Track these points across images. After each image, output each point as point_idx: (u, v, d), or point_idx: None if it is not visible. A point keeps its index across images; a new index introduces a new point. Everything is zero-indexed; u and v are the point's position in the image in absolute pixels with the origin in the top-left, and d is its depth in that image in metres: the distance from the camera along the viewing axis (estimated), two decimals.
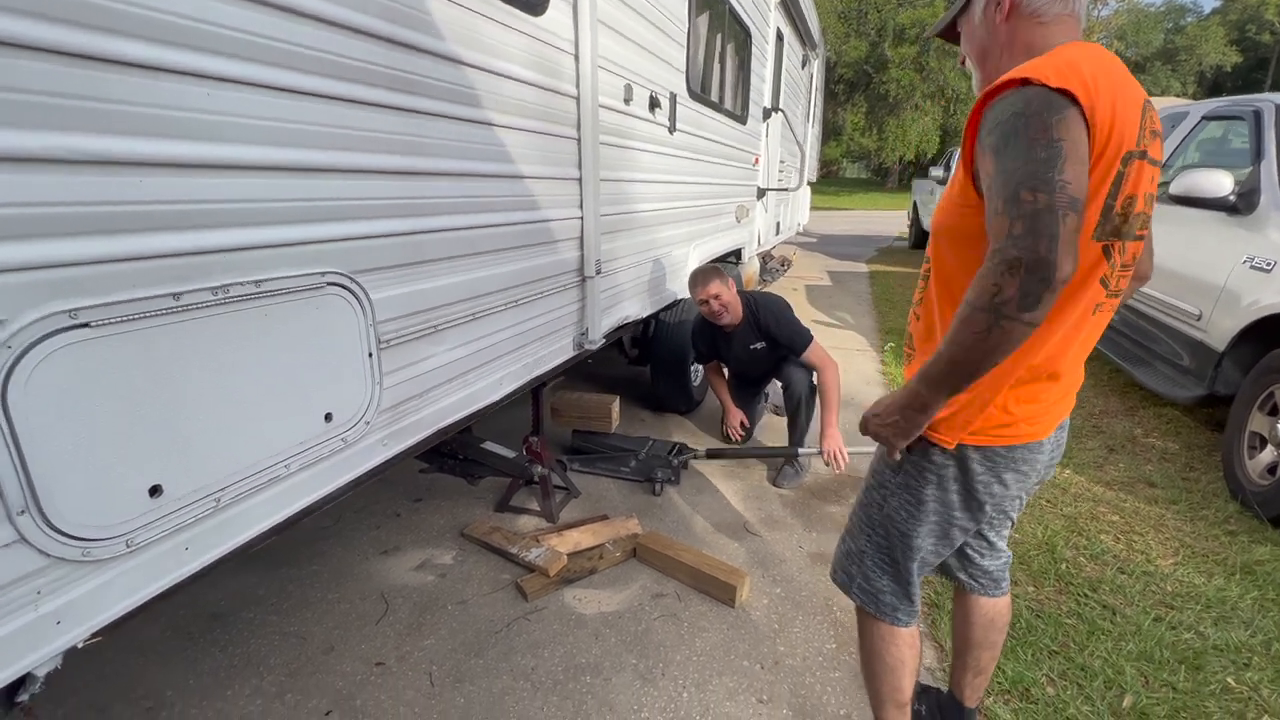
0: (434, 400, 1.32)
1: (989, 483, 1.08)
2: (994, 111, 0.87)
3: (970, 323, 0.82)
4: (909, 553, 1.15)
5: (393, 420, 1.21)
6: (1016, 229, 0.78)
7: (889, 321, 5.66)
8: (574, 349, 1.98)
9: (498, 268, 1.48)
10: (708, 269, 2.68)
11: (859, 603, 1.24)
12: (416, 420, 1.28)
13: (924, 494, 1.10)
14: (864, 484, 1.24)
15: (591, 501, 2.61)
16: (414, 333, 1.22)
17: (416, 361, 1.25)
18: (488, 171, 1.42)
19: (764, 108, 4.63)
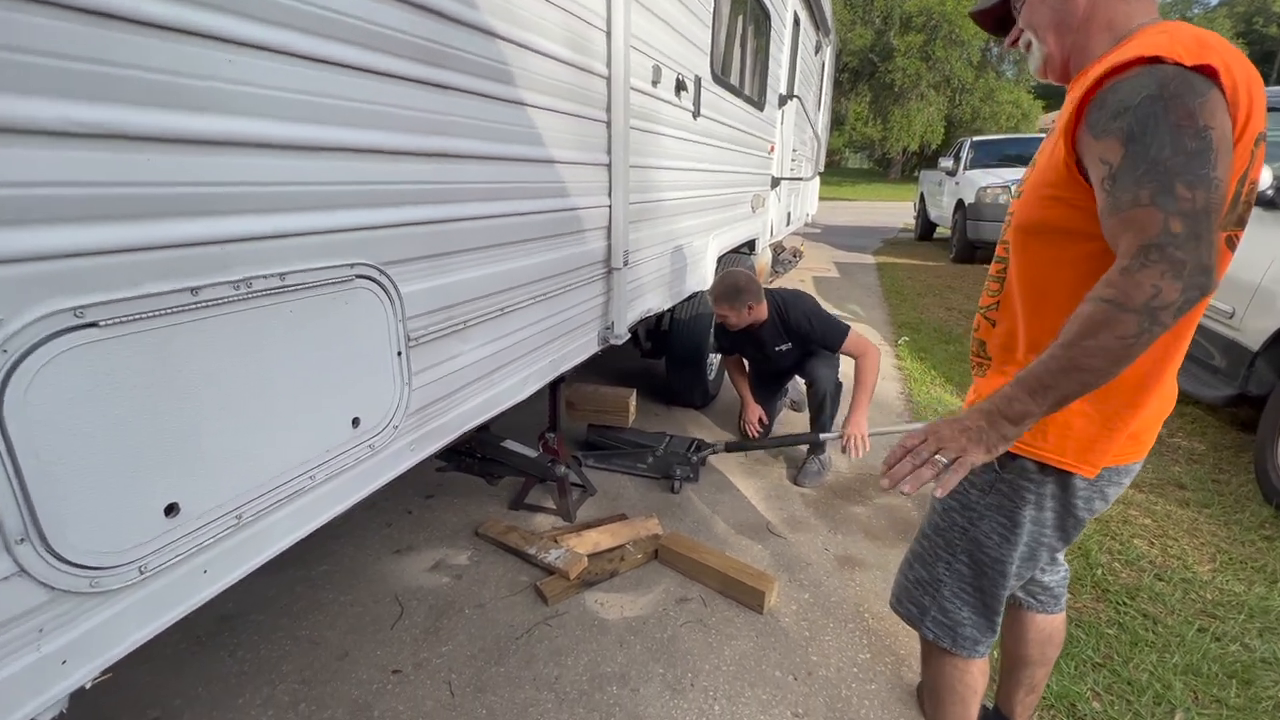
0: (460, 401, 1.23)
1: (1091, 499, 1.00)
2: (1117, 94, 0.77)
3: (1112, 325, 0.72)
4: (1000, 580, 1.06)
5: (420, 423, 1.12)
6: (1175, 227, 0.70)
7: (900, 315, 5.57)
8: (598, 344, 1.90)
9: (527, 259, 1.39)
10: (726, 287, 2.49)
11: (931, 637, 1.14)
12: (442, 424, 1.19)
13: (1020, 515, 1.01)
14: (935, 502, 1.14)
15: (608, 500, 2.54)
16: (443, 329, 1.13)
17: (444, 360, 1.16)
18: (518, 155, 1.32)
19: (780, 94, 4.51)
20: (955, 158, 9.40)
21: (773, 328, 2.62)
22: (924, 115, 26.08)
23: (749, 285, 2.51)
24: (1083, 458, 0.95)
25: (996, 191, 7.53)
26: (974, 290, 6.68)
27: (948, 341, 4.70)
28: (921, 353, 4.39)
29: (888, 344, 4.69)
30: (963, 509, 1.08)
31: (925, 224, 10.86)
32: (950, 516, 1.10)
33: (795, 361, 2.74)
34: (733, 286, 2.50)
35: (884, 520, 2.40)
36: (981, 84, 26.23)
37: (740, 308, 2.50)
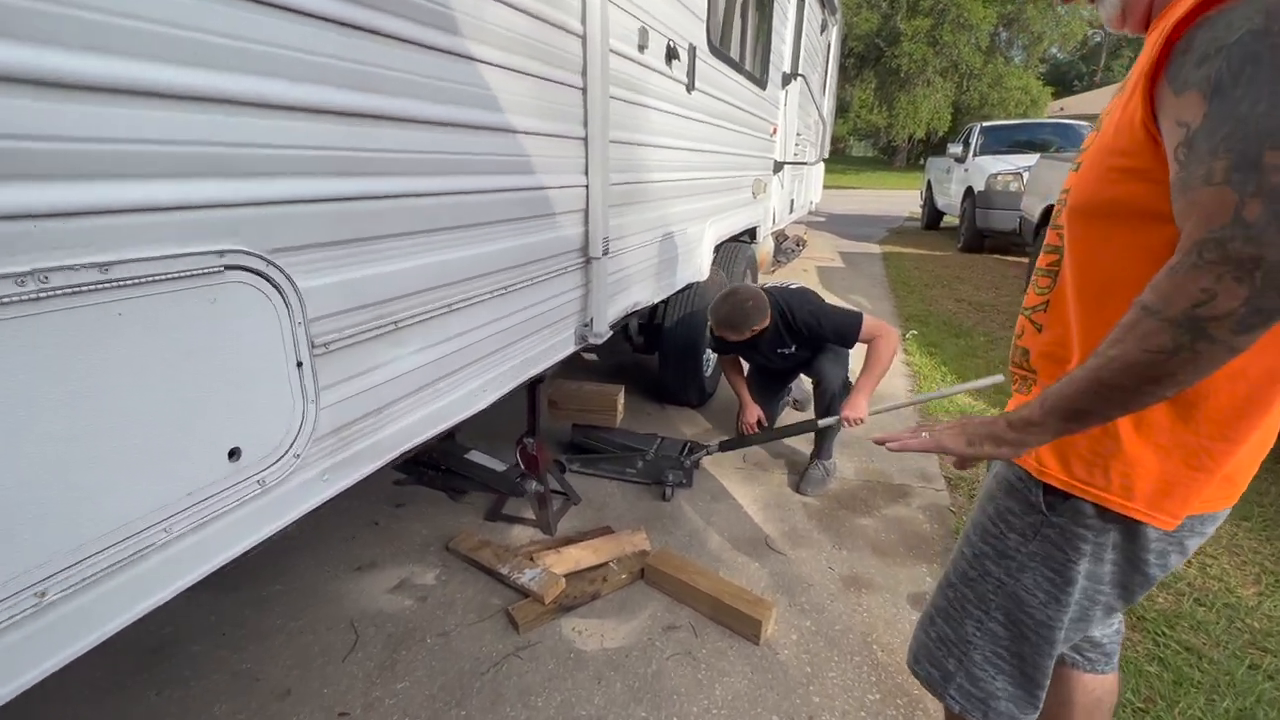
0: (395, 417, 1.03)
1: (1165, 553, 0.80)
2: (1209, 31, 0.57)
3: (1141, 334, 0.59)
4: (1046, 646, 0.86)
5: (337, 447, 0.91)
6: (1252, 211, 0.52)
7: (907, 307, 5.35)
8: (575, 342, 1.68)
9: (482, 246, 1.17)
10: (729, 310, 2.23)
11: (958, 709, 0.94)
12: (371, 445, 0.98)
13: (1073, 570, 0.82)
14: (964, 545, 0.94)
15: (593, 509, 2.34)
16: (366, 332, 0.92)
17: (370, 369, 0.95)
18: (468, 121, 1.10)
19: (783, 73, 4.26)
20: (964, 144, 9.10)
21: (775, 333, 2.39)
22: (930, 102, 25.62)
23: (755, 307, 2.24)
24: (1158, 504, 0.75)
25: (1008, 179, 7.26)
26: (983, 281, 6.45)
27: (957, 335, 4.48)
28: (931, 347, 4.17)
29: None
30: (999, 556, 0.88)
31: (932, 212, 10.58)
32: (983, 564, 0.90)
33: (801, 361, 2.53)
34: (737, 311, 2.23)
35: (894, 534, 2.20)
36: (990, 69, 25.73)
37: (744, 331, 2.27)
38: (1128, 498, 0.75)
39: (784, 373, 2.75)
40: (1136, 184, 0.67)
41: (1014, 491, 0.85)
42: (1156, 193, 0.65)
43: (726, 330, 2.27)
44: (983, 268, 7.18)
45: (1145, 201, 0.67)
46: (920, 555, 2.08)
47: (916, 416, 3.18)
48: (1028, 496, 0.84)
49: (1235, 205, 0.52)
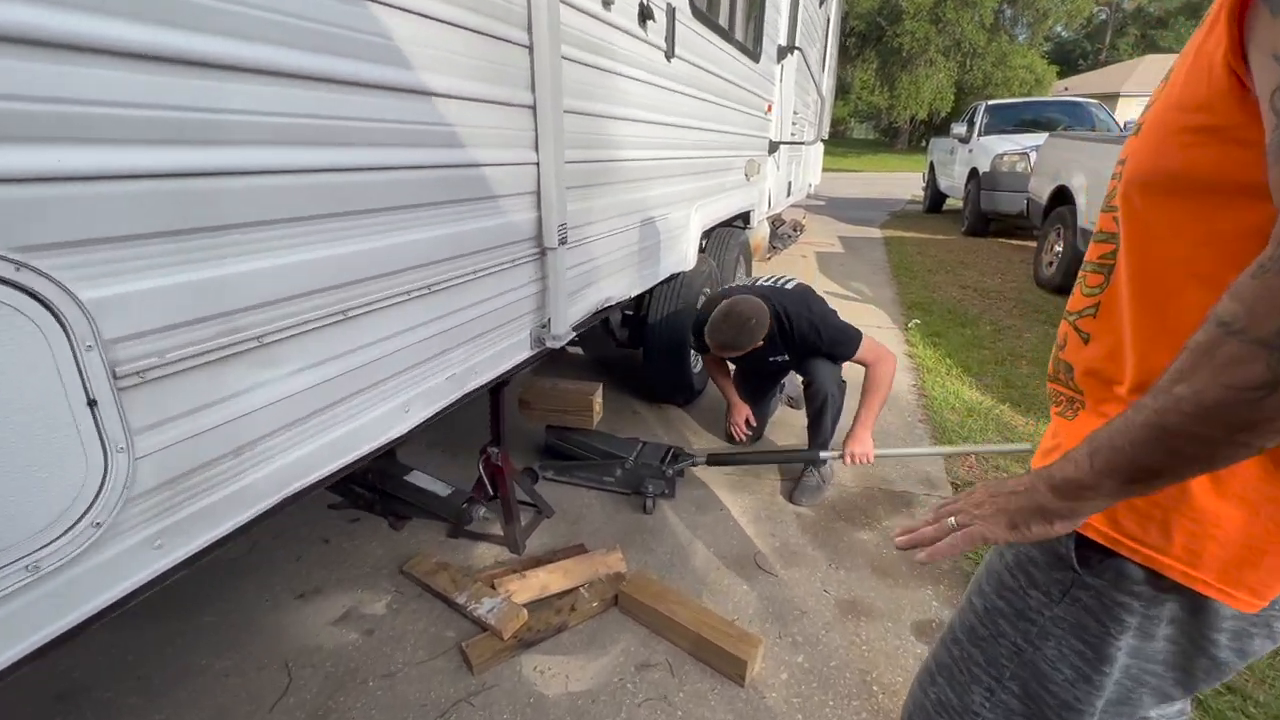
0: (272, 456, 0.81)
1: (1245, 636, 0.59)
2: None
3: (1226, 365, 0.42)
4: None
5: (175, 504, 0.70)
6: None
7: (910, 294, 5.11)
8: (531, 346, 1.47)
9: (392, 236, 0.95)
10: (733, 328, 2.00)
11: None
12: (237, 493, 0.77)
13: (1110, 646, 0.63)
14: (975, 594, 0.76)
15: (568, 522, 2.14)
16: (209, 353, 0.71)
17: (222, 400, 0.73)
18: (371, 79, 0.87)
19: (779, 45, 3.99)
20: (968, 123, 8.80)
21: (770, 343, 2.17)
22: (933, 82, 25.11)
23: (758, 324, 2.00)
24: (1235, 578, 0.55)
25: (1014, 159, 6.98)
26: (989, 266, 6.20)
27: (963, 324, 4.26)
28: (935, 337, 3.95)
29: (897, 326, 4.24)
30: (1016, 617, 0.70)
31: (935, 195, 10.29)
32: (996, 623, 0.72)
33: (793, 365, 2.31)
34: (742, 332, 1.99)
35: (895, 550, 2.00)
36: (994, 48, 25.18)
37: (746, 350, 2.05)
38: (1193, 565, 0.56)
39: (774, 373, 2.53)
40: (1216, 147, 0.50)
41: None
42: (1244, 158, 0.47)
43: (728, 350, 2.07)
44: (987, 252, 6.93)
45: (1228, 170, 0.49)
46: (926, 576, 1.88)
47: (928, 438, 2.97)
48: (1055, 546, 0.66)
49: None
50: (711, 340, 2.06)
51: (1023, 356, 3.66)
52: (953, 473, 2.44)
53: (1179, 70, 0.55)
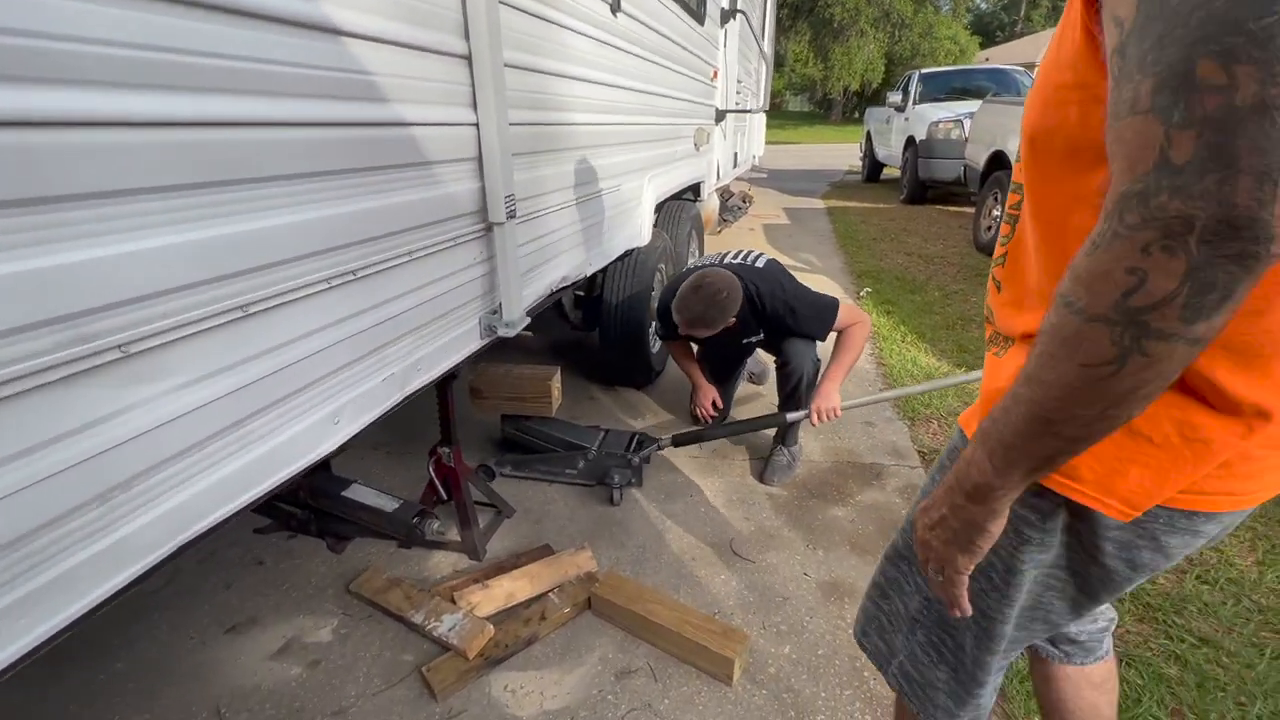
0: (158, 496, 0.64)
1: (1133, 548, 0.61)
2: None
3: (1074, 345, 0.44)
4: (987, 641, 0.73)
5: (9, 577, 0.52)
6: (1180, 150, 0.37)
7: (858, 263, 5.15)
8: (481, 335, 1.30)
9: (299, 211, 0.77)
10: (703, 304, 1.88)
11: (897, 689, 0.85)
12: (107, 549, 0.59)
13: (1018, 558, 0.66)
14: (909, 514, 0.81)
15: (530, 521, 1.99)
16: (39, 371, 0.52)
17: (66, 435, 0.55)
18: (242, 4, 0.68)
19: (722, 8, 3.84)
20: (903, 92, 8.92)
21: (742, 323, 2.06)
22: (864, 53, 25.54)
23: (730, 299, 1.89)
24: (1107, 488, 0.57)
25: (949, 126, 7.11)
26: (930, 232, 6.33)
27: (912, 291, 4.30)
28: (887, 305, 3.97)
29: (849, 296, 4.24)
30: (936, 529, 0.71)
31: (873, 165, 10.45)
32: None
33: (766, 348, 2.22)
34: (712, 307, 1.86)
35: (870, 525, 1.96)
36: (920, 19, 25.79)
37: (718, 328, 1.93)
38: (1071, 477, 0.58)
39: (740, 352, 2.43)
40: (1079, 105, 0.51)
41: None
42: (1099, 117, 0.46)
43: (698, 329, 1.93)
44: (927, 219, 7.08)
45: (1091, 129, 0.50)
46: None
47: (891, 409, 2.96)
48: None
49: (1161, 138, 0.38)
50: (680, 317, 1.93)
51: (972, 320, 3.72)
52: (919, 441, 2.43)
53: (1058, 29, 0.55)
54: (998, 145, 5.13)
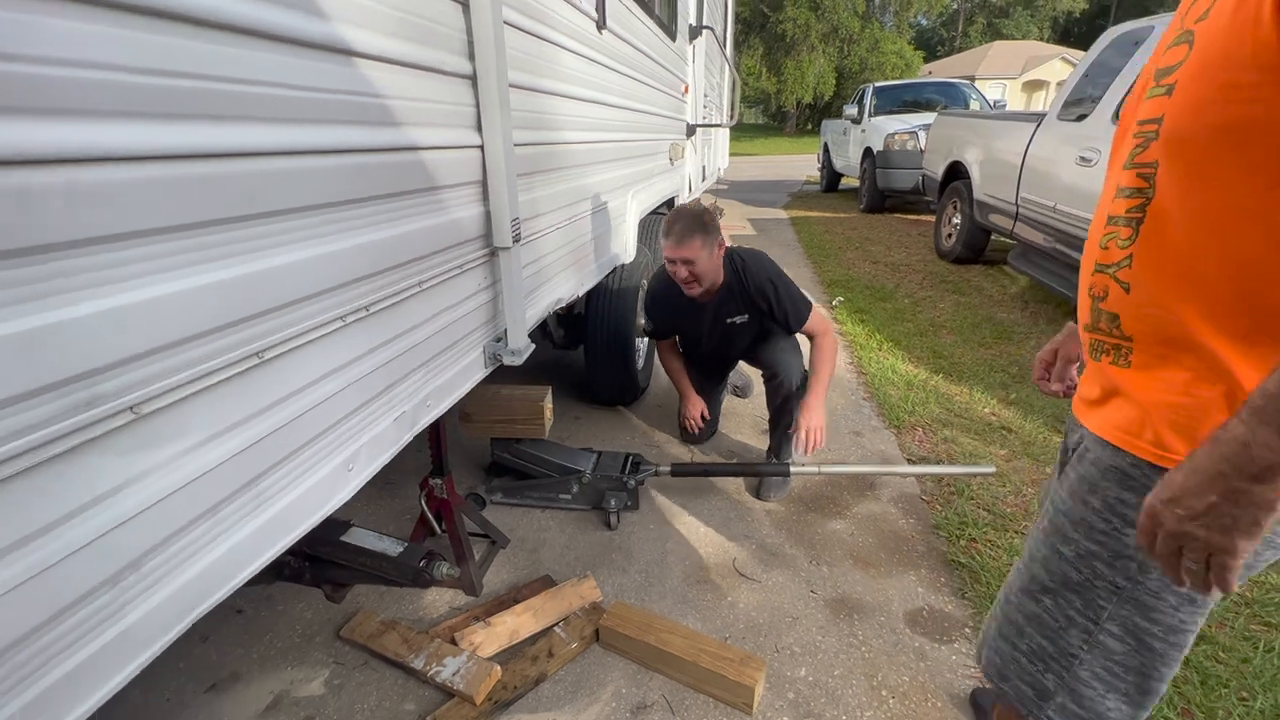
0: (172, 571, 0.57)
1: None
2: None
3: None
4: (1176, 653, 0.72)
5: (11, 684, 0.45)
6: None
7: (827, 272, 5.24)
8: (486, 364, 1.24)
9: (312, 246, 0.71)
10: (690, 216, 1.92)
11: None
12: (116, 639, 0.52)
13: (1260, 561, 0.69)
14: (1057, 543, 0.79)
15: (526, 550, 1.92)
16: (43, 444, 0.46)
17: (72, 514, 0.48)
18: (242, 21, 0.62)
19: (690, 25, 3.87)
20: (858, 105, 9.19)
21: (728, 294, 2.08)
22: (815, 67, 26.29)
23: (713, 223, 1.96)
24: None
25: (905, 138, 7.35)
26: (892, 241, 6.49)
27: (882, 299, 4.39)
28: (861, 314, 4.04)
29: (824, 308, 4.30)
30: (1113, 557, 0.73)
31: (831, 175, 10.71)
32: (1091, 566, 0.75)
33: (748, 344, 2.20)
34: (696, 216, 1.91)
35: (870, 537, 1.96)
36: (867, 34, 26.75)
37: (712, 244, 1.94)
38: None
39: (726, 359, 2.42)
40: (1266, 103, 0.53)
41: (1128, 481, 0.71)
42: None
43: (696, 236, 1.88)
44: (887, 227, 7.28)
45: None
46: (904, 560, 1.85)
47: (878, 417, 2.98)
48: (1149, 486, 0.69)
49: None
50: (666, 239, 1.92)
51: (943, 326, 3.81)
52: (907, 449, 2.46)
53: (1210, 32, 0.57)
54: (954, 156, 5.32)
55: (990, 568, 1.78)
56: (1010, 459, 2.36)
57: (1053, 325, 3.79)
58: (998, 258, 5.18)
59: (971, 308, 4.17)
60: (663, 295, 2.17)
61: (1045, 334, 3.65)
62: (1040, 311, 4.04)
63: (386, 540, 1.31)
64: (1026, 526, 1.96)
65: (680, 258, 1.91)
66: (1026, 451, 2.40)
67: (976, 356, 3.34)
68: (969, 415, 2.69)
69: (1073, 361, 1.00)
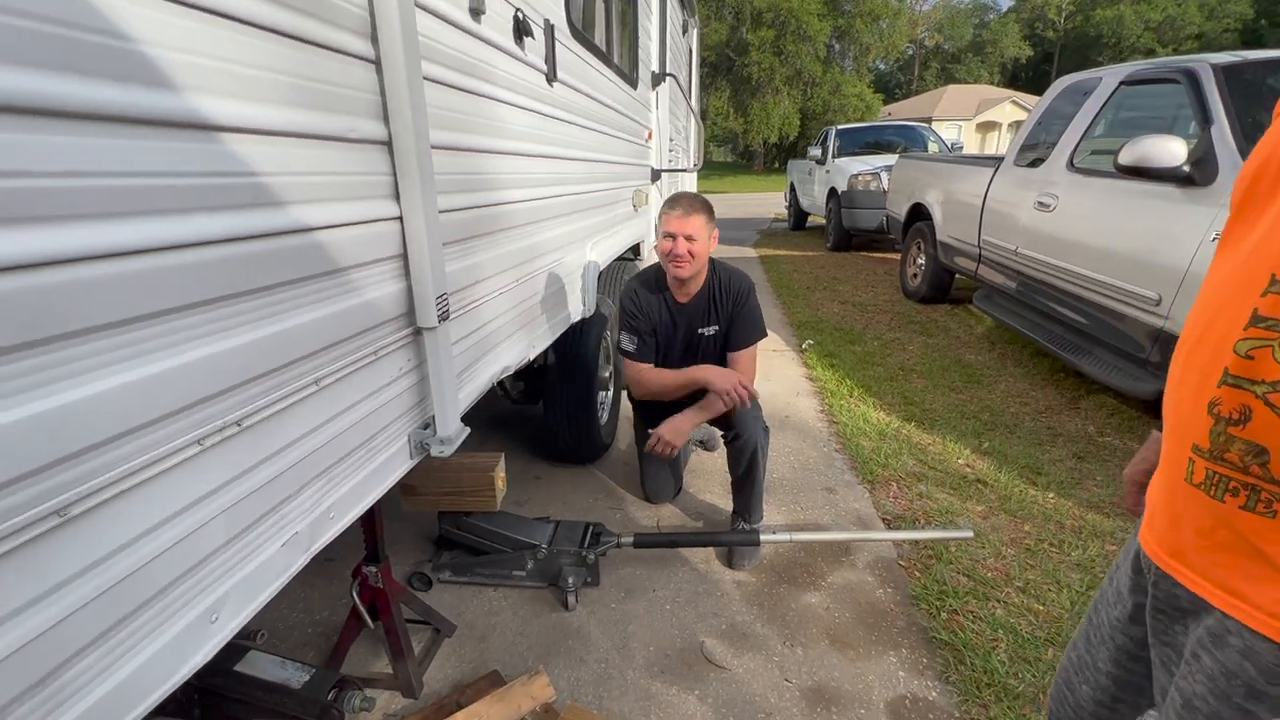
0: None
1: None
2: None
3: None
4: None
5: None
6: None
7: (796, 313, 5.21)
8: (412, 455, 1.10)
9: (160, 360, 0.58)
10: (694, 195, 1.97)
11: None
12: None
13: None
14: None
15: (474, 639, 1.75)
16: None
17: None
18: (69, 103, 0.51)
19: (653, 72, 3.88)
20: (822, 146, 9.41)
21: (705, 301, 2.07)
22: (780, 108, 27.17)
23: (707, 202, 1.98)
24: None
25: (868, 179, 7.51)
26: (860, 280, 6.54)
27: (851, 341, 4.36)
28: (831, 358, 3.98)
29: (792, 349, 4.25)
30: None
31: (798, 213, 10.89)
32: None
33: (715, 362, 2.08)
34: (699, 197, 1.98)
35: (847, 610, 1.83)
36: (829, 78, 27.84)
37: (711, 229, 1.95)
38: None
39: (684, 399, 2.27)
40: None
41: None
42: None
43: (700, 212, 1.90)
44: (854, 266, 7.35)
45: None
46: (884, 638, 1.72)
47: (851, 472, 2.89)
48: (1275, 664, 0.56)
49: None
50: (672, 210, 1.90)
51: (913, 370, 3.77)
52: (882, 506, 2.35)
53: None
54: (916, 198, 5.40)
55: (973, 645, 1.66)
56: (988, 515, 2.27)
57: (1020, 367, 3.78)
58: (963, 296, 5.22)
59: (940, 350, 4.15)
60: (638, 292, 2.09)
61: (1014, 376, 3.64)
62: (1007, 353, 4.04)
63: (290, 667, 1.12)
64: (1008, 593, 1.86)
65: (684, 232, 1.89)
66: (1003, 507, 2.31)
67: (947, 402, 3.29)
68: (943, 467, 2.60)
69: None
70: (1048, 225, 3.40)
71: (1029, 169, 3.77)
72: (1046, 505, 2.33)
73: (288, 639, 1.77)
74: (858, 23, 28.02)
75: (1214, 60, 2.80)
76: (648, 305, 2.07)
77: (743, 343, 2.05)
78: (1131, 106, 3.36)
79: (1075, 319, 3.19)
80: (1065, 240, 3.24)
